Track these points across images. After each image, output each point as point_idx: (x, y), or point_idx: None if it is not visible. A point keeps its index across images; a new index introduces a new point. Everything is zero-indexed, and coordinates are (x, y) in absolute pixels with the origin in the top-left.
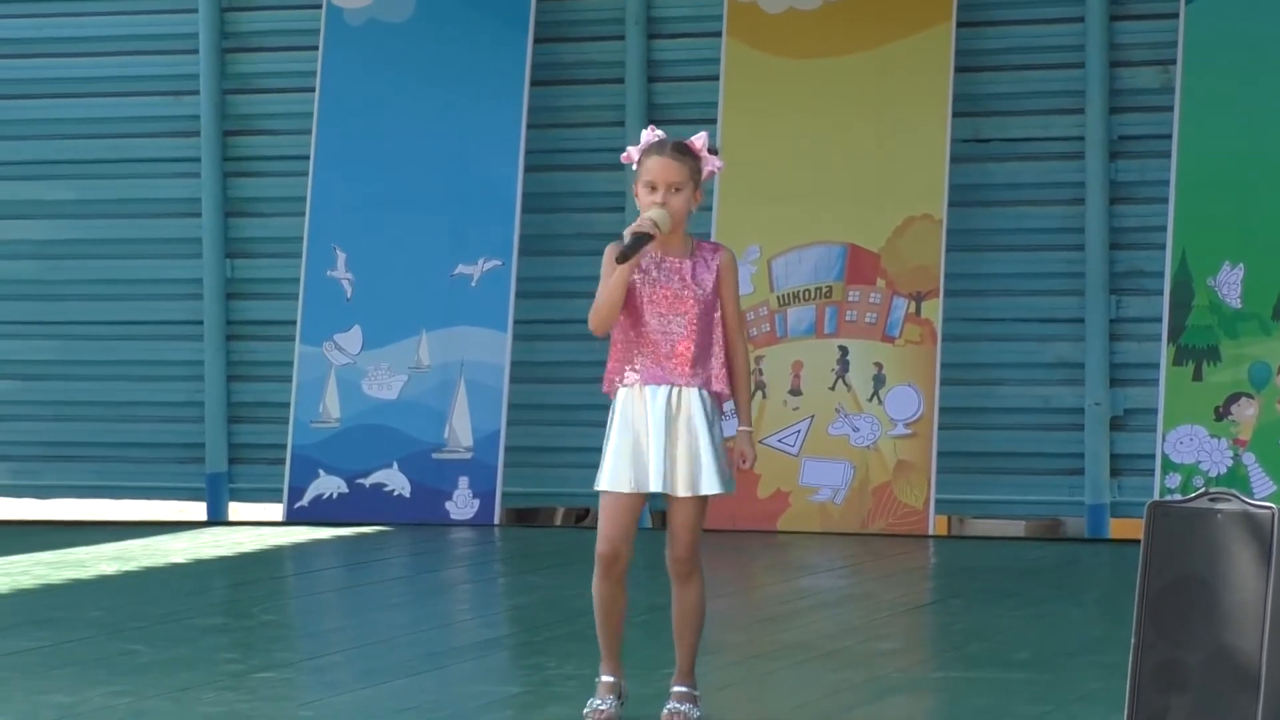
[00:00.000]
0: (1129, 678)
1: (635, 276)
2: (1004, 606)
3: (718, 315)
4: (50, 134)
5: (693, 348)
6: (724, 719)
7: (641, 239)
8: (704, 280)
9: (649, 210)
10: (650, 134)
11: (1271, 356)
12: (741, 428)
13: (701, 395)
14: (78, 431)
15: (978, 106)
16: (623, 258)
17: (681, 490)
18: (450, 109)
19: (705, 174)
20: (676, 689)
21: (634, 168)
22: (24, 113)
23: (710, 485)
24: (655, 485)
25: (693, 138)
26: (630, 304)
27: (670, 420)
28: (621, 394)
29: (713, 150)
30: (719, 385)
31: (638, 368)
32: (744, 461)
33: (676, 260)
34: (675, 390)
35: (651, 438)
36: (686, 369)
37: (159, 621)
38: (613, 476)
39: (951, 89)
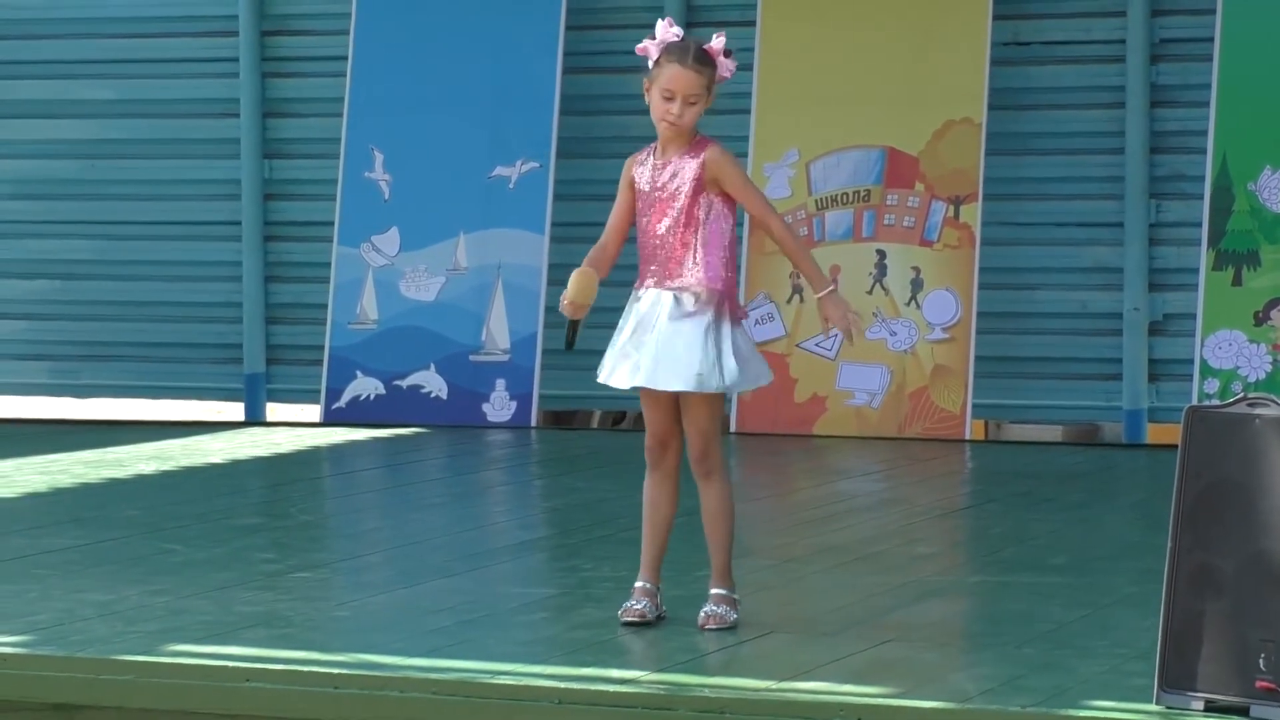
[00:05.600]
0: (1165, 583)
1: (640, 181)
2: (1040, 511)
3: (714, 210)
4: (88, 33)
5: (683, 247)
6: (760, 621)
7: (572, 331)
8: (682, 180)
9: (569, 289)
10: (667, 29)
11: None
12: (820, 295)
13: (696, 294)
14: (116, 331)
15: (1017, 9)
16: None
17: (644, 383)
18: (489, 9)
19: (718, 79)
20: (714, 591)
21: (649, 64)
22: (62, 11)
23: (676, 381)
24: (623, 380)
25: (712, 42)
26: (637, 209)
27: (658, 318)
28: (641, 295)
29: (726, 53)
30: (715, 283)
31: (648, 271)
32: (837, 324)
33: (662, 161)
34: (669, 293)
35: (648, 334)
36: (680, 268)
37: (196, 521)
38: (601, 368)
39: None
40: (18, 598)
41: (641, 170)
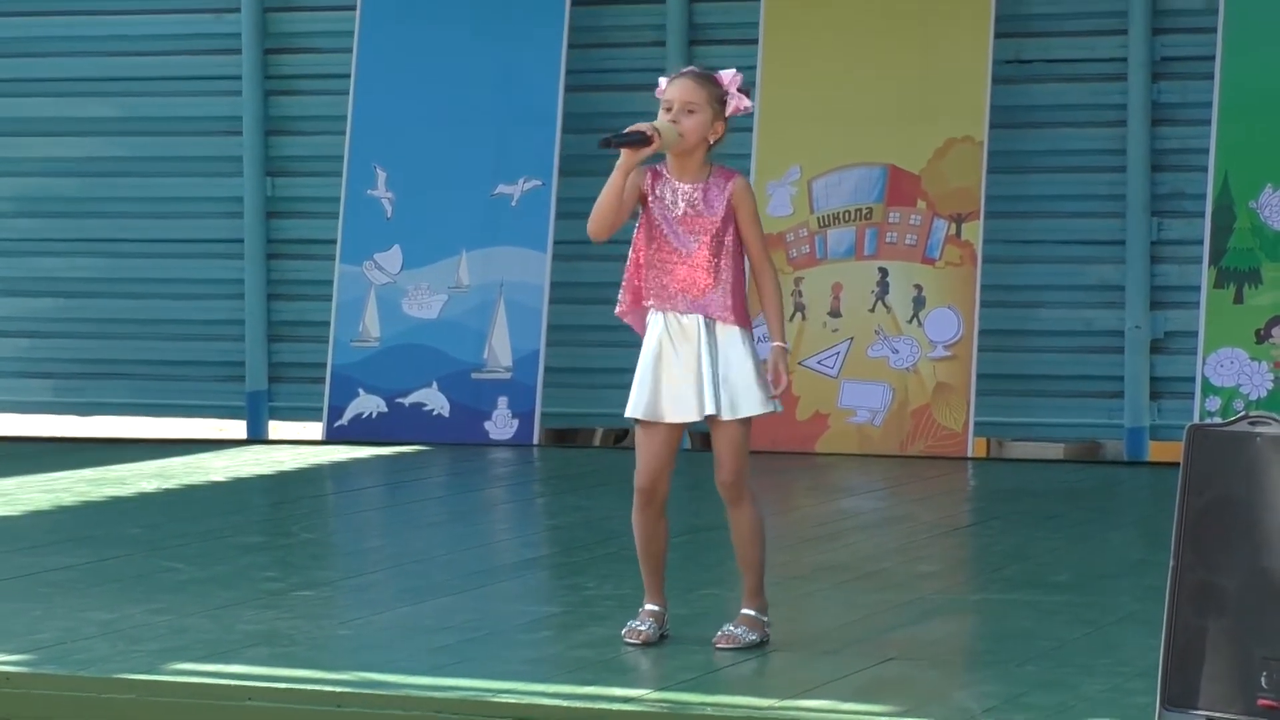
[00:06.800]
0: (1167, 600)
1: (651, 201)
2: (1043, 529)
3: (730, 242)
4: (91, 51)
5: (707, 275)
6: None
7: (632, 136)
8: (715, 207)
9: (660, 125)
10: None
11: None
12: (775, 344)
13: (734, 321)
14: (119, 349)
15: (1020, 27)
16: (604, 143)
17: (725, 414)
18: (492, 28)
19: (730, 109)
20: (742, 611)
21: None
22: (66, 30)
23: (750, 406)
24: (674, 415)
25: (723, 71)
26: (646, 228)
27: (703, 346)
28: (650, 319)
29: (745, 91)
30: (731, 315)
31: (655, 293)
32: (776, 383)
33: (689, 186)
34: (702, 318)
35: (682, 365)
36: (702, 296)
37: (199, 539)
38: (633, 403)
39: (993, 9)
40: (20, 616)
41: (662, 188)
